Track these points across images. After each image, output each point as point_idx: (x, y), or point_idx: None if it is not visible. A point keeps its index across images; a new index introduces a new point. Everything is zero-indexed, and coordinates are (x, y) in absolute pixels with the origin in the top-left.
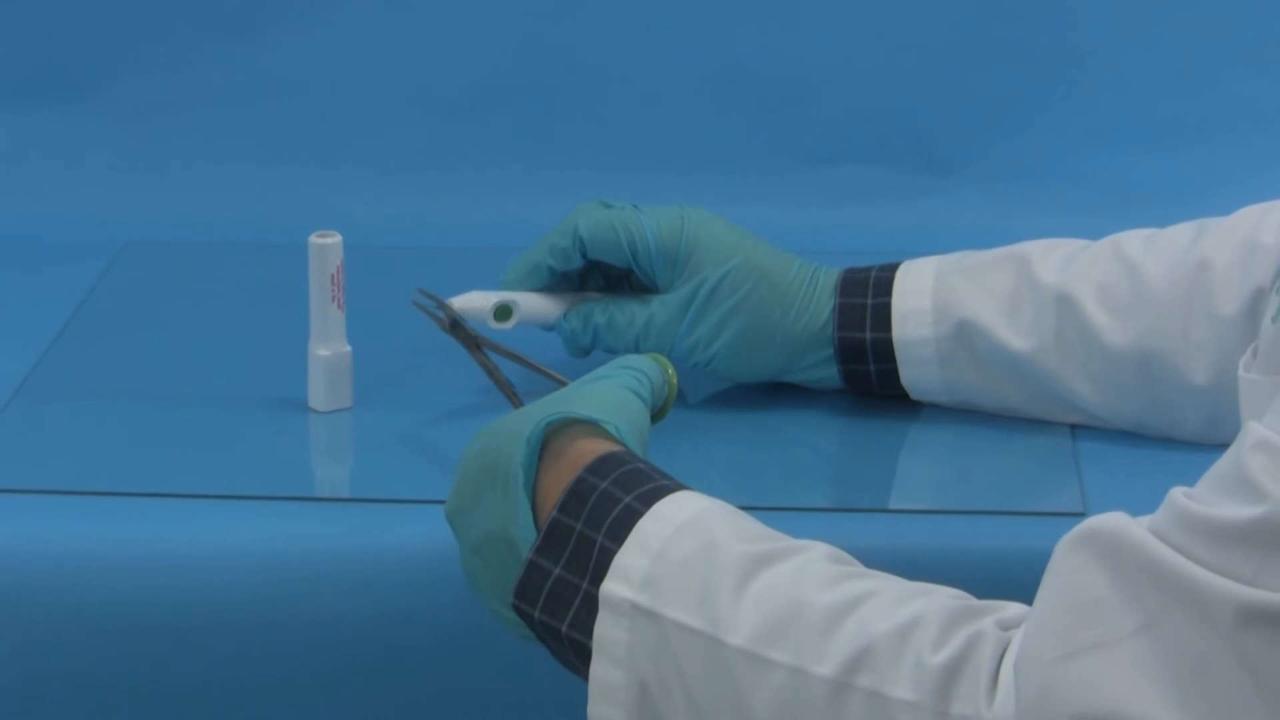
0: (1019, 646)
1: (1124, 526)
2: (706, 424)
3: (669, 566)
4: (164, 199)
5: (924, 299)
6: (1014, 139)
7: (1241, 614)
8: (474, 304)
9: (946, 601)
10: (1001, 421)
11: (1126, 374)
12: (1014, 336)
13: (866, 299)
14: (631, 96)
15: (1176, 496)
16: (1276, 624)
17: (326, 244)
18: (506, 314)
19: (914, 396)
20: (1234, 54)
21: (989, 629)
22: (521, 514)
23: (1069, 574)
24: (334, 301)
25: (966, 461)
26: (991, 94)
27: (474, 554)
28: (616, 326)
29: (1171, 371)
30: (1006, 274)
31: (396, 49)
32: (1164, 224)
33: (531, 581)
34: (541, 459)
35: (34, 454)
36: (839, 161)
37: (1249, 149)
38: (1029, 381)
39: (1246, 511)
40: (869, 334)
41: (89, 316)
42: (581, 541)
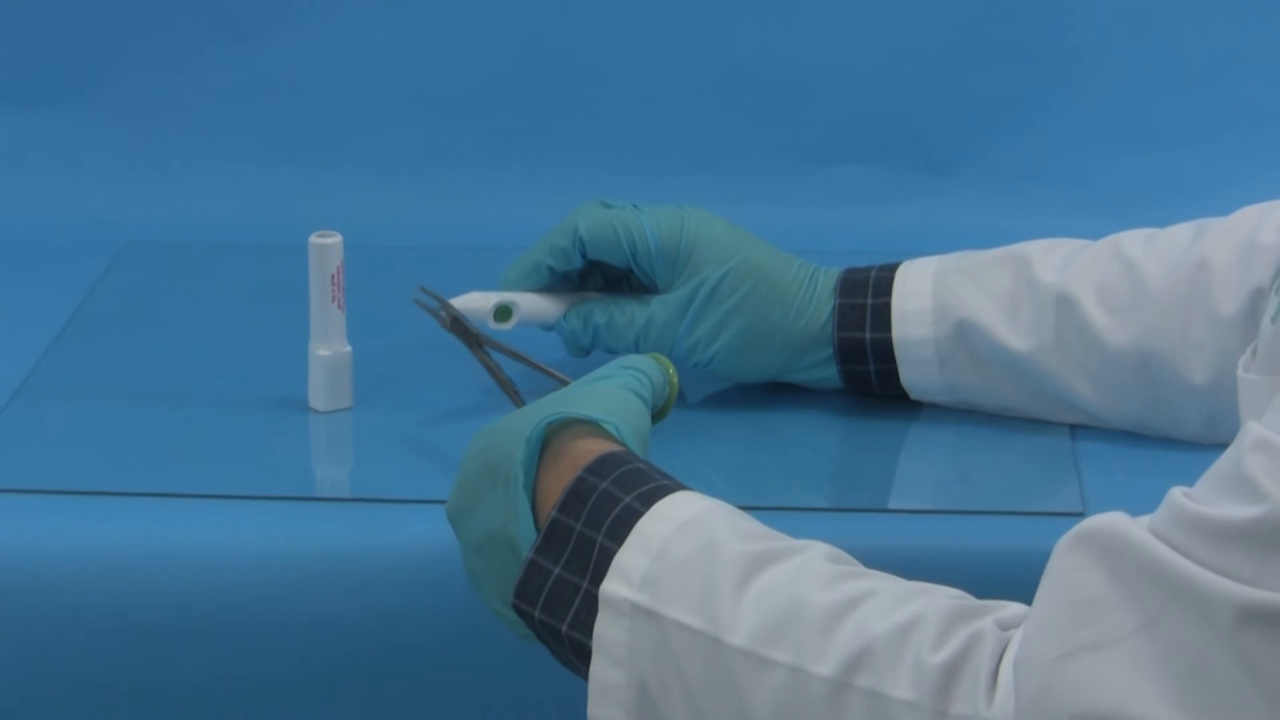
0: (1018, 646)
1: (1123, 526)
2: (706, 424)
3: (669, 566)
4: (164, 199)
5: (924, 299)
6: (1014, 139)
7: (1241, 614)
8: (474, 305)
9: (946, 601)
10: (1001, 421)
11: (1126, 374)
12: (1014, 336)
13: (866, 299)
14: (631, 96)
15: (1176, 496)
16: (1276, 624)
17: (327, 244)
18: (506, 314)
19: (914, 396)
20: (1234, 54)
21: (988, 629)
22: (522, 514)
23: (1068, 573)
24: (334, 301)
25: (966, 461)
26: (991, 94)
27: (475, 554)
28: (616, 326)
29: (1171, 371)
30: (1006, 274)
31: (396, 49)
32: (1164, 224)
33: (532, 581)
34: (542, 459)
35: (34, 454)
36: (839, 161)
37: (1249, 149)
38: (1029, 381)
39: (1246, 511)
40: (869, 334)
41: (89, 316)
42: (581, 541)
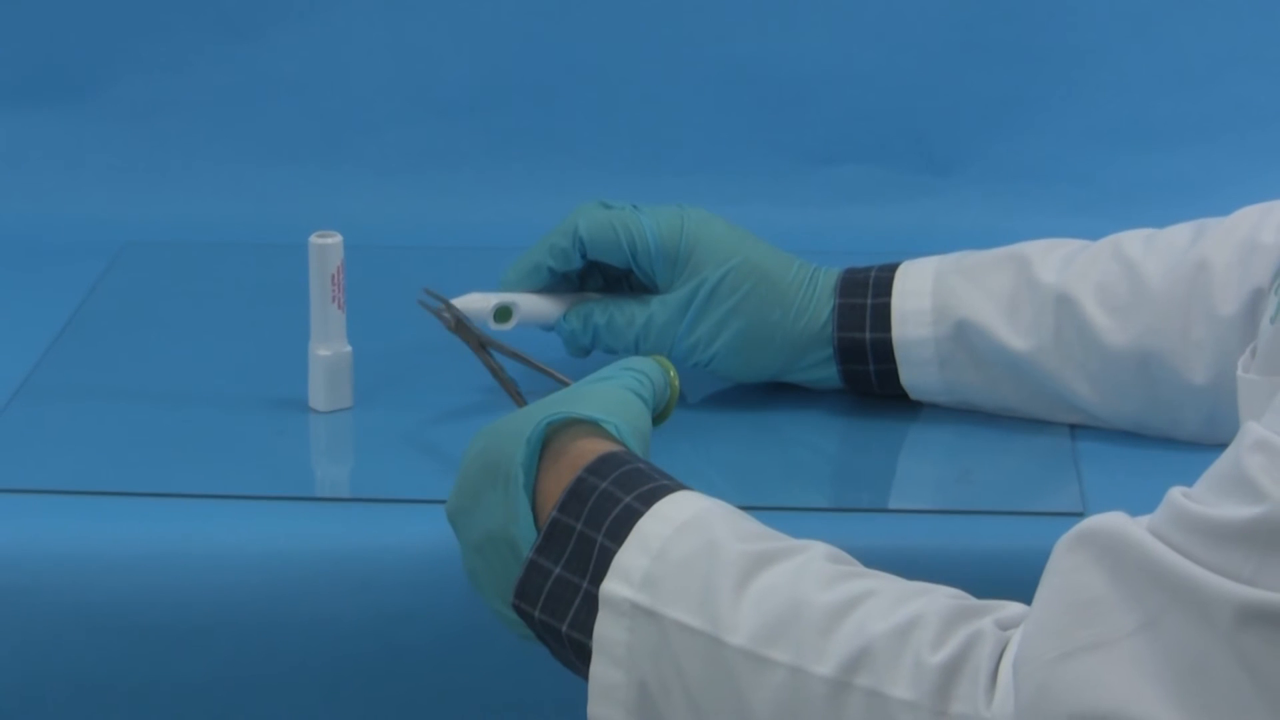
0: (1018, 646)
1: (1123, 526)
2: (706, 424)
3: (669, 566)
4: (164, 199)
5: (923, 299)
6: (1014, 139)
7: (1240, 613)
8: (473, 305)
9: (945, 601)
10: (1001, 421)
11: (1126, 374)
12: (1013, 336)
13: (866, 299)
14: (631, 96)
15: (1175, 496)
16: (1275, 623)
17: (327, 244)
18: (506, 315)
19: (913, 396)
20: (1234, 54)
21: (988, 628)
22: (522, 514)
23: (1068, 573)
24: (334, 301)
25: (966, 461)
26: (991, 94)
27: (475, 554)
28: (616, 327)
29: (1171, 371)
30: (1006, 274)
31: (396, 49)
32: (1164, 224)
33: (532, 581)
34: (542, 459)
35: (34, 454)
36: (839, 161)
37: (1249, 149)
38: (1028, 381)
39: (1245, 511)
40: (868, 334)
41: (89, 316)
42: (582, 541)
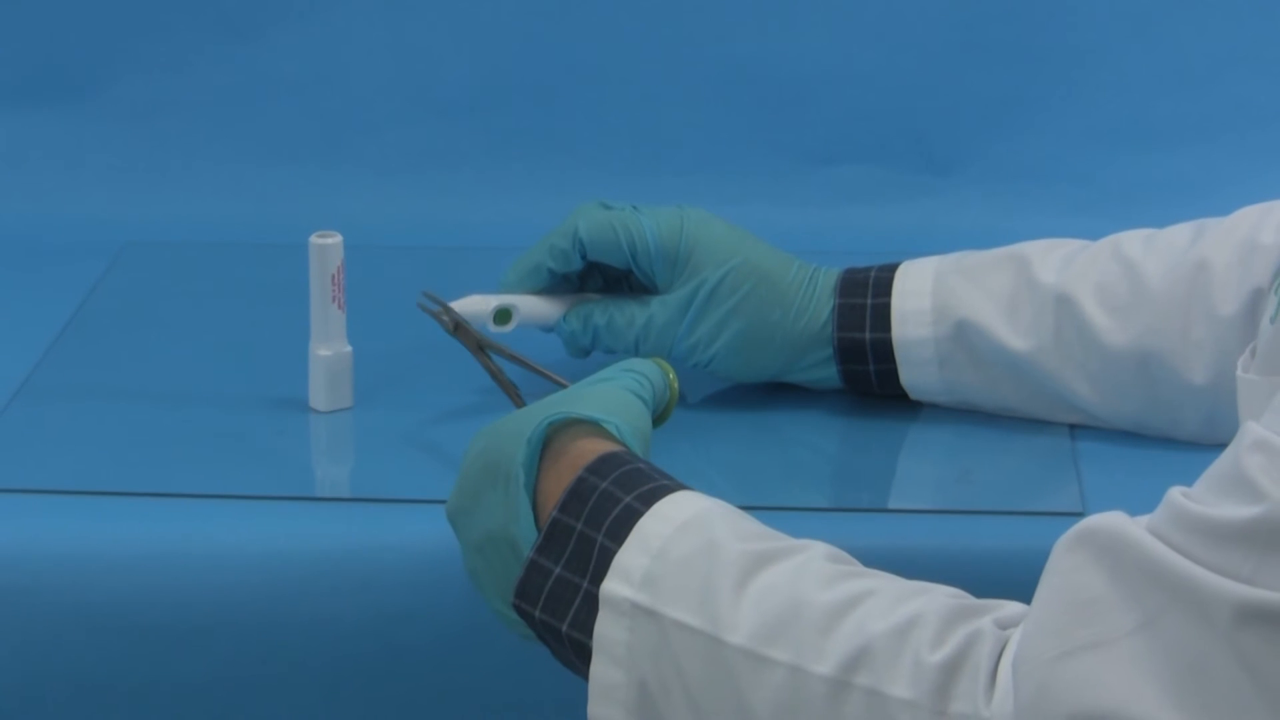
0: (1017, 645)
1: (1122, 526)
2: (706, 424)
3: (669, 566)
4: (164, 199)
5: (923, 299)
6: (1014, 139)
7: (1239, 613)
8: (473, 308)
9: (945, 600)
10: (1001, 421)
11: (1125, 374)
12: (1013, 336)
13: (866, 299)
14: (631, 96)
15: (1175, 496)
16: (1274, 623)
17: (327, 244)
18: (506, 317)
19: (913, 396)
20: (1234, 54)
21: (987, 628)
22: (522, 514)
23: (1067, 573)
24: (334, 301)
25: (966, 461)
26: (991, 94)
27: (475, 554)
28: (616, 327)
29: (1170, 371)
30: (1006, 274)
31: (396, 49)
32: (1164, 224)
33: (532, 581)
34: (542, 459)
35: (34, 454)
36: (839, 161)
37: (1249, 149)
38: (1028, 381)
39: (1244, 511)
40: (868, 334)
41: (89, 316)
42: (582, 541)
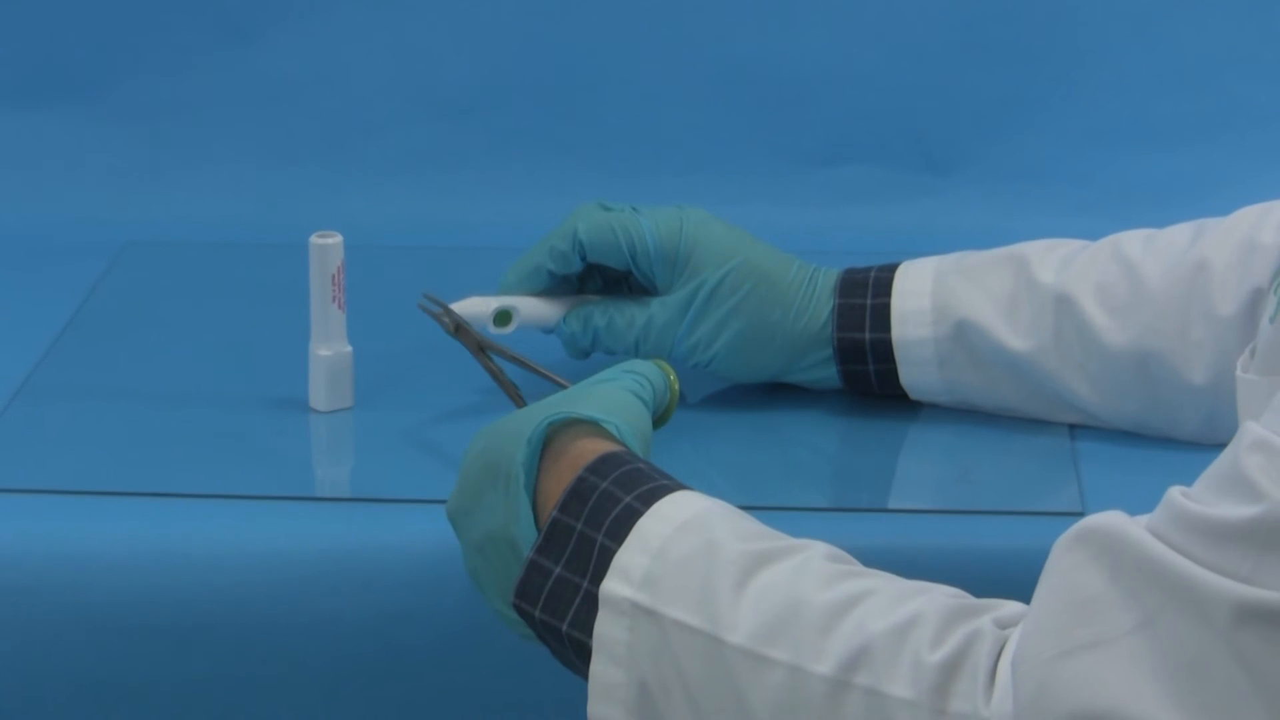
0: (1016, 644)
1: (1121, 525)
2: (706, 424)
3: (669, 565)
4: (165, 199)
5: (923, 299)
6: (1014, 139)
7: (1238, 612)
8: (473, 310)
9: (944, 600)
10: (1001, 421)
11: (1125, 374)
12: (1013, 336)
13: (866, 299)
14: (631, 96)
15: (1174, 496)
16: (1273, 622)
17: (327, 244)
18: (506, 319)
19: (913, 396)
20: (1234, 54)
21: (986, 627)
22: (522, 514)
23: (1066, 572)
24: (335, 302)
25: (966, 461)
26: (991, 94)
27: (476, 553)
28: (616, 328)
29: (1170, 371)
30: (1005, 274)
31: (396, 49)
32: (1164, 224)
33: (532, 581)
34: (542, 459)
35: (34, 454)
36: (839, 161)
37: (1249, 149)
38: (1028, 381)
39: (1244, 511)
40: (868, 334)
41: (90, 316)
42: (582, 541)
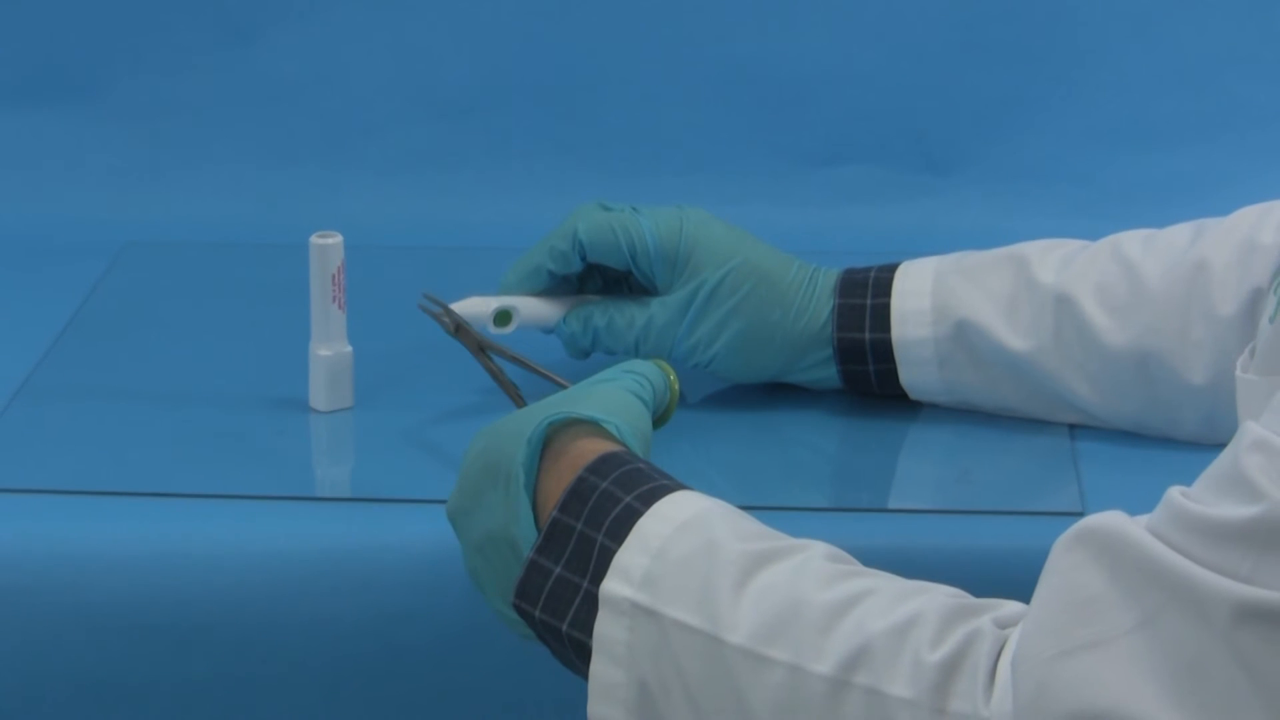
0: (1016, 644)
1: (1121, 525)
2: (706, 424)
3: (669, 565)
4: (165, 199)
5: (923, 299)
6: (1014, 139)
7: (1238, 612)
8: (473, 310)
9: (944, 600)
10: (1000, 421)
11: (1125, 374)
12: (1013, 337)
13: (866, 299)
14: (631, 97)
15: (1174, 496)
16: (1272, 622)
17: (327, 244)
18: (506, 319)
19: (913, 396)
20: (1234, 54)
21: (986, 627)
22: (522, 514)
23: (1066, 572)
24: (335, 302)
25: (966, 461)
26: (991, 94)
27: (476, 554)
28: (616, 328)
29: (1170, 371)
30: (1005, 274)
31: (396, 49)
32: (1164, 224)
33: (532, 581)
34: (542, 459)
35: (34, 454)
36: (839, 161)
37: (1249, 149)
38: (1028, 381)
39: (1243, 511)
40: (868, 334)
41: (90, 316)
42: (582, 541)
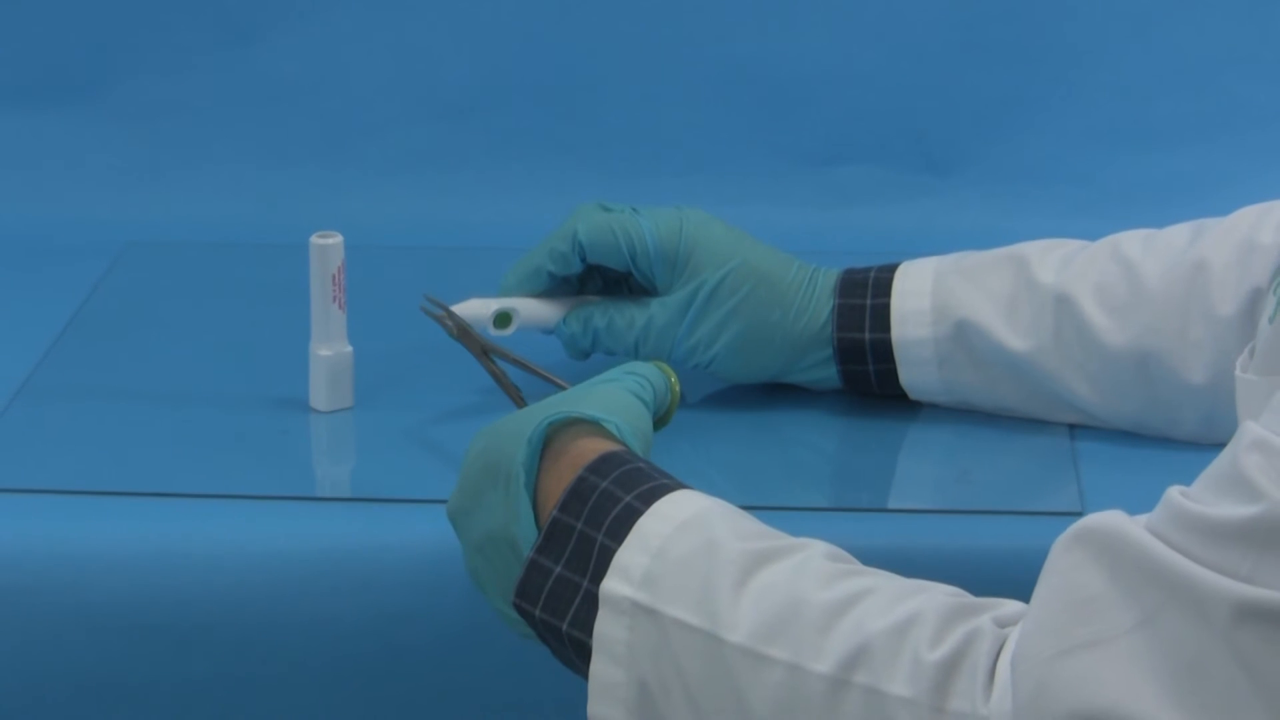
0: (1016, 643)
1: (1121, 524)
2: (706, 424)
3: (669, 565)
4: (165, 199)
5: (923, 299)
6: (1014, 139)
7: (1237, 611)
8: (473, 312)
9: (943, 599)
10: (1000, 421)
11: (1124, 374)
12: (1012, 337)
13: (865, 299)
14: (631, 97)
15: (1173, 495)
16: (1272, 621)
17: (328, 244)
18: (506, 321)
19: (913, 396)
20: (1234, 54)
21: (986, 626)
22: (523, 513)
23: (1066, 572)
24: (335, 302)
25: (966, 461)
26: (991, 94)
27: (476, 553)
28: (616, 329)
29: (1169, 371)
30: (1005, 274)
31: (396, 50)
32: (1164, 224)
33: (532, 580)
34: (543, 458)
35: (34, 454)
36: (839, 162)
37: (1249, 149)
38: (1027, 381)
39: (1243, 510)
40: (868, 334)
41: (90, 316)
42: (582, 540)
